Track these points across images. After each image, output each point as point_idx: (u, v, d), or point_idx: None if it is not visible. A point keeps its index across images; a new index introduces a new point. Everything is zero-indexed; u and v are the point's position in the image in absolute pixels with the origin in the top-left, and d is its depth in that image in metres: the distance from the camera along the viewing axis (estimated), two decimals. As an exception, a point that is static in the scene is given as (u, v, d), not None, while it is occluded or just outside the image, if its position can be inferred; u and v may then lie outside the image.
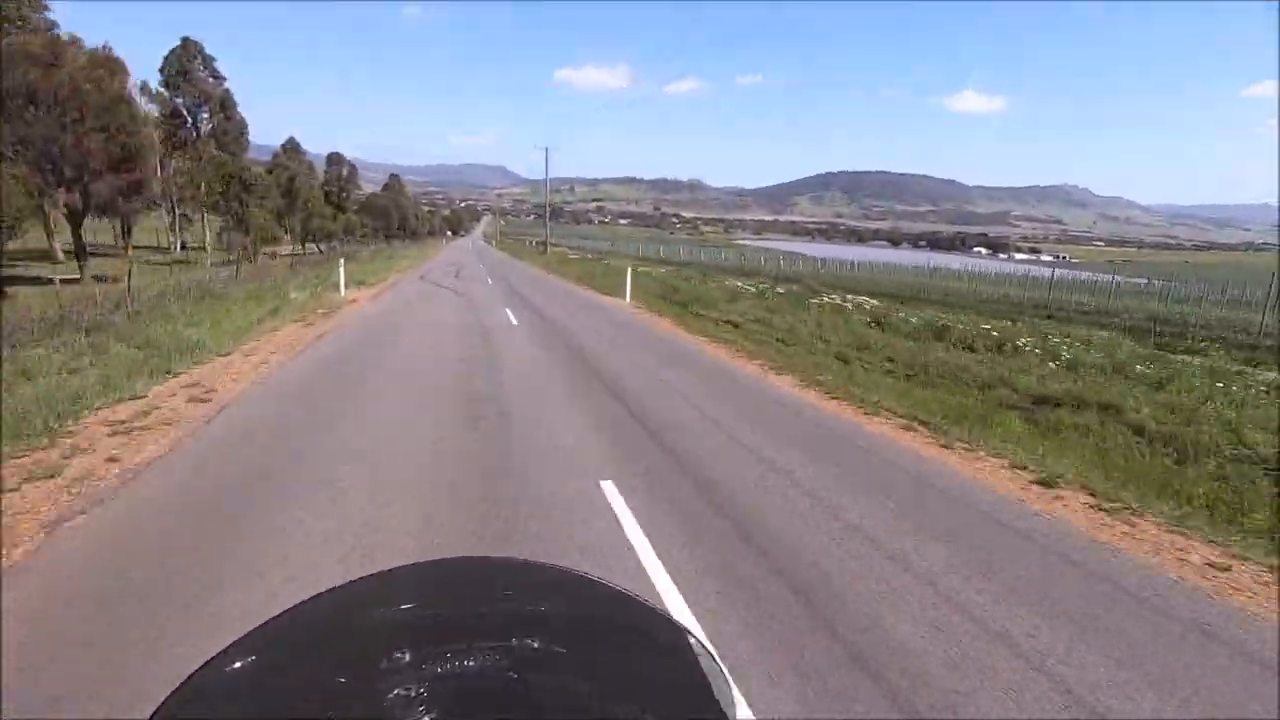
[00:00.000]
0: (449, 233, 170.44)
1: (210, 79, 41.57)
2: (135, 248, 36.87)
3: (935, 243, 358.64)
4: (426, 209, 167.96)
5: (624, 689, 0.77)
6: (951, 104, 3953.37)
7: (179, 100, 39.84)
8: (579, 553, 3.93)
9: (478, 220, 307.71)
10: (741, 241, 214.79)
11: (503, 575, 1.09)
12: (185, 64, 39.81)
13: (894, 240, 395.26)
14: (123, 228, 36.85)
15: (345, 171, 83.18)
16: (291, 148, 58.74)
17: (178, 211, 39.74)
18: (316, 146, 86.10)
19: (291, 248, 44.03)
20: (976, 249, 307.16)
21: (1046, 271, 32.13)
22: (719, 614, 3.36)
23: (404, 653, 0.73)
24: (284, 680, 0.75)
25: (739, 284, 25.93)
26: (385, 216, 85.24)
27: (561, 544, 4.05)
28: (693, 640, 0.84)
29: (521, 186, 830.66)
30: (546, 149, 57.54)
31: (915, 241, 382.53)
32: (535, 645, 0.78)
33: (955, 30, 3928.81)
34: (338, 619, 0.88)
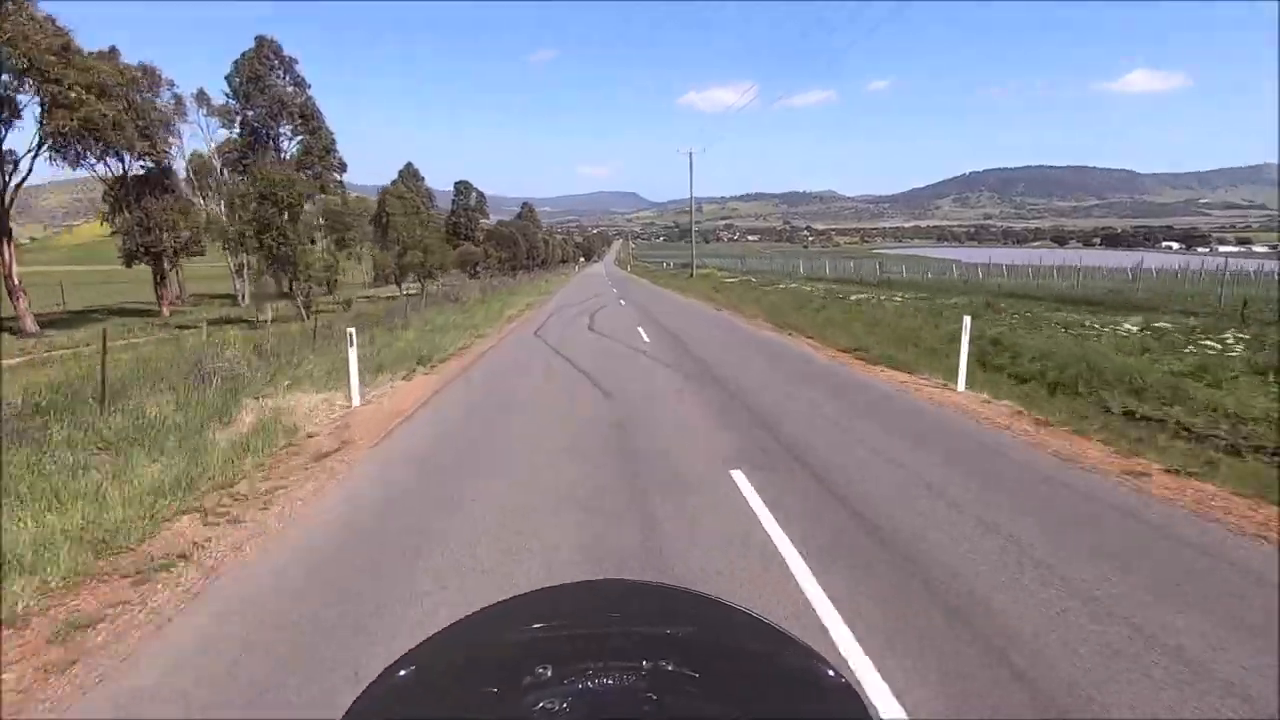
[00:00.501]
0: (581, 258, 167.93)
1: (290, 86, 34.62)
2: (208, 296, 30.51)
3: (1111, 239, 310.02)
4: (559, 236, 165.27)
5: (755, 714, 0.77)
6: (1117, 87, 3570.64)
7: (250, 113, 33.12)
8: None
9: (609, 245, 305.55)
10: (884, 251, 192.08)
11: (638, 597, 1.13)
12: (258, 69, 33.05)
13: (1059, 240, 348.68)
14: (155, 275, 29.82)
15: (473, 200, 77.72)
16: (410, 174, 52.66)
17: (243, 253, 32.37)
18: (448, 184, 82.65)
19: (399, 288, 36.50)
20: (1166, 244, 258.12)
21: None
22: None
23: (546, 668, 0.77)
24: (442, 689, 0.82)
25: (1092, 323, 13.29)
26: (512, 245, 78.73)
27: None
28: (829, 670, 0.84)
29: (650, 210, 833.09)
30: (690, 153, 47.46)
31: (1087, 239, 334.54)
32: (669, 668, 0.80)
33: (1114, 5, 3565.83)
34: (488, 635, 0.94)
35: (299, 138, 35.03)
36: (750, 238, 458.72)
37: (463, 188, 78.55)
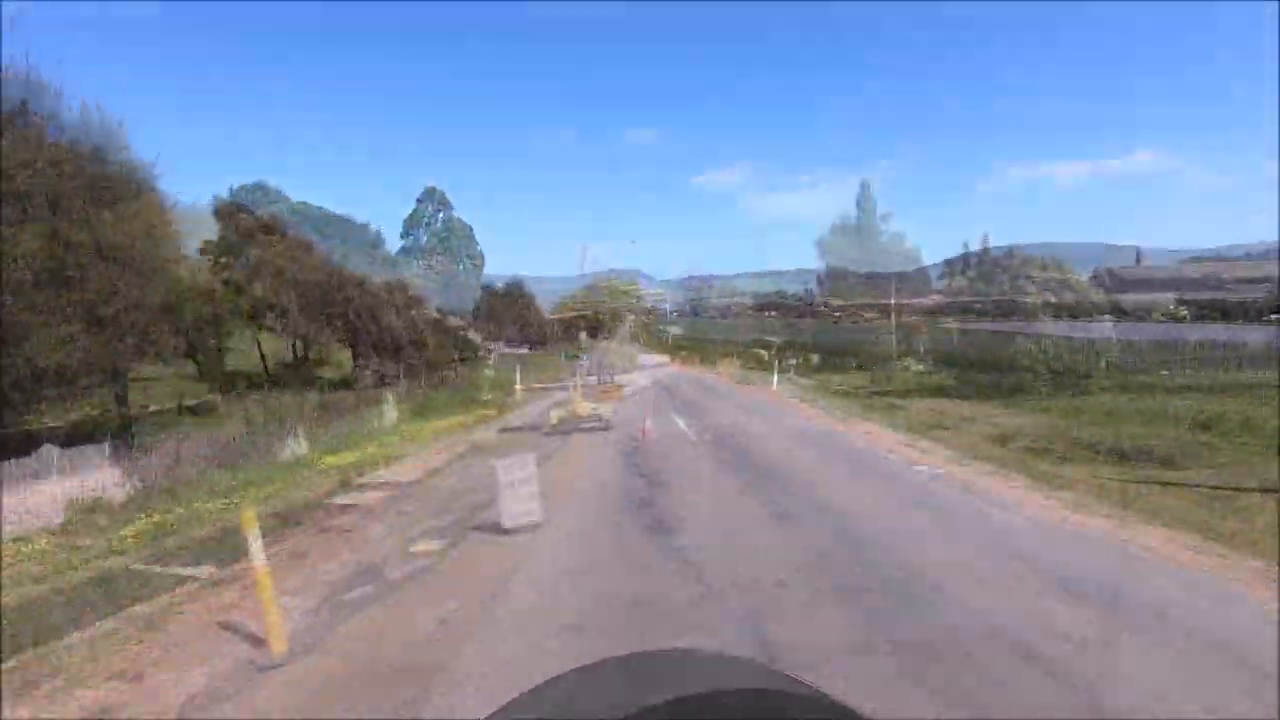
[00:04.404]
0: (582, 334, 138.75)
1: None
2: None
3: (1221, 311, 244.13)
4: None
5: None
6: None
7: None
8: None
9: (621, 321, 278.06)
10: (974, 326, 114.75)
11: (692, 670, 1.06)
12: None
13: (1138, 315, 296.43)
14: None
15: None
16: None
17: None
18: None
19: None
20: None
21: None
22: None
23: None
24: None
25: None
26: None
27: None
28: None
29: (657, 287, 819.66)
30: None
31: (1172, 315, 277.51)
32: None
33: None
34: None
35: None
36: (769, 313, 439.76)
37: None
